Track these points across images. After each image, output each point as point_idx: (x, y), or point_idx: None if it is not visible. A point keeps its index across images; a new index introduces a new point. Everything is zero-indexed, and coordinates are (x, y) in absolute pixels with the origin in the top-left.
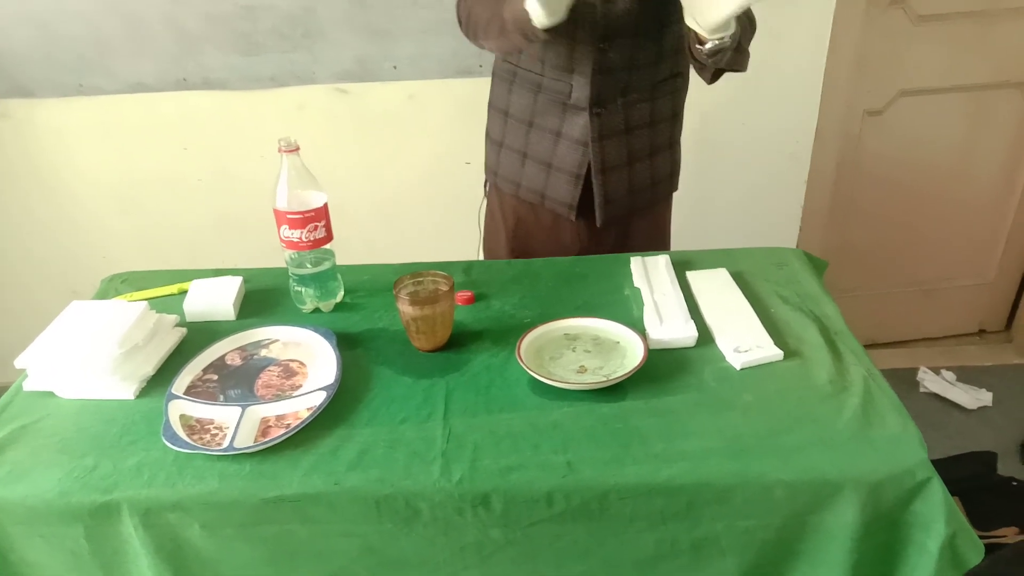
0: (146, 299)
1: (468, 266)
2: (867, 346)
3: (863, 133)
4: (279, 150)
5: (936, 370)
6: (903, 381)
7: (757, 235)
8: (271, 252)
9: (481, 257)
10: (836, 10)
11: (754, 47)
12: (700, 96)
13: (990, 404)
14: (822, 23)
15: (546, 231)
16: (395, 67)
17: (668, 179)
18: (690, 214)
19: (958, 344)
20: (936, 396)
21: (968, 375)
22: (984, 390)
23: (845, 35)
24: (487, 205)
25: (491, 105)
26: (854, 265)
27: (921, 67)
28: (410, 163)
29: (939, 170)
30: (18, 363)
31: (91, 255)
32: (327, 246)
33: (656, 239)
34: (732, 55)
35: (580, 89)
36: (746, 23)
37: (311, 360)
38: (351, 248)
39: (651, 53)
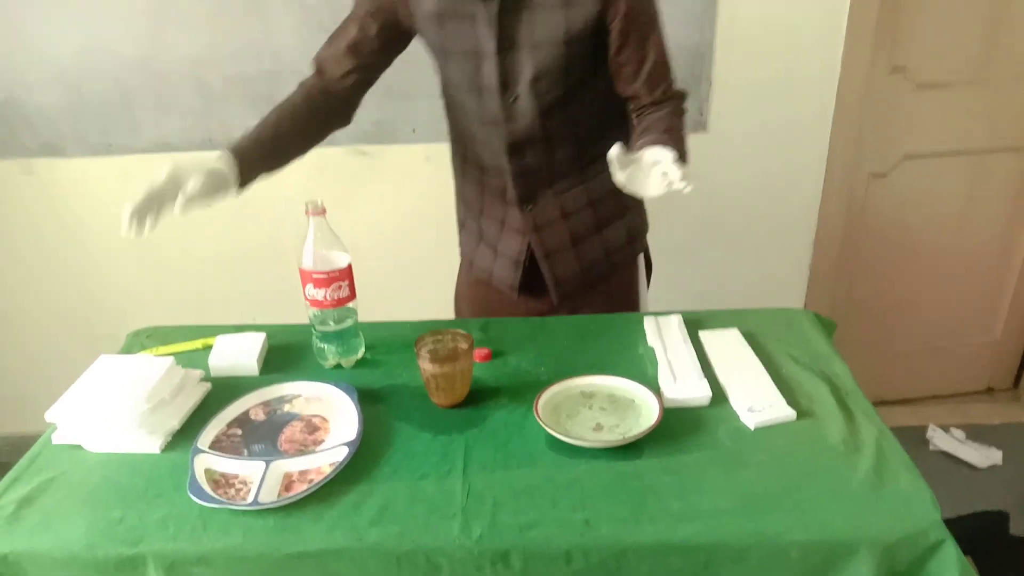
0: (171, 354)
1: (485, 324)
2: (876, 403)
3: (868, 195)
4: (306, 212)
5: (945, 428)
6: (913, 439)
7: (765, 294)
8: (291, 308)
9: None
10: (840, 76)
11: (763, 108)
12: (709, 157)
13: (1000, 463)
14: (827, 88)
15: (509, 306)
16: (414, 130)
17: (626, 246)
18: (699, 273)
19: (967, 402)
20: (946, 454)
21: (977, 433)
22: (994, 448)
23: (849, 100)
24: (459, 274)
25: (455, 189)
26: (862, 323)
27: (924, 132)
28: (428, 223)
29: (943, 230)
30: (48, 416)
31: (115, 308)
32: (350, 304)
33: (624, 305)
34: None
35: (511, 188)
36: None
37: (333, 415)
38: (370, 305)
39: (568, 149)
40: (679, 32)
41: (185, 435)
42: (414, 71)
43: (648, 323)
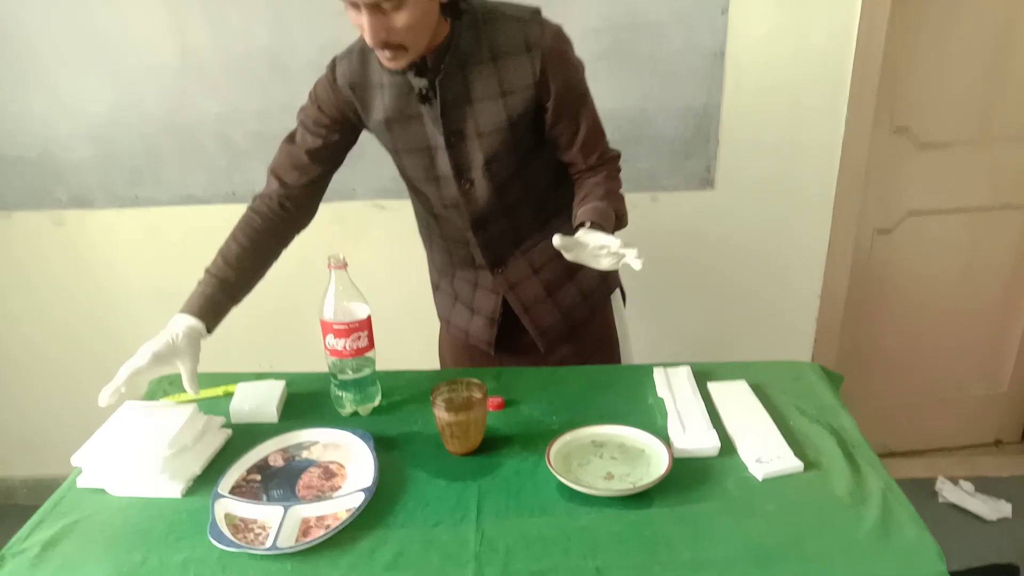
0: (193, 401)
1: (498, 372)
2: (884, 455)
3: (874, 249)
4: (329, 266)
5: (954, 480)
6: (921, 491)
7: (773, 345)
8: (311, 356)
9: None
10: (844, 136)
11: (768, 166)
12: (716, 212)
13: (1010, 515)
14: (831, 148)
15: (488, 364)
16: None
17: (601, 285)
18: (706, 324)
19: (975, 454)
20: (955, 506)
21: (986, 485)
22: (1004, 501)
23: (853, 159)
24: (440, 334)
25: (426, 255)
26: (869, 375)
27: (927, 189)
28: None
29: (949, 284)
30: (74, 460)
31: (134, 349)
32: (369, 354)
33: (606, 344)
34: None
35: (478, 256)
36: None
37: (350, 462)
38: (387, 354)
39: (527, 213)
40: (687, 94)
41: (206, 480)
42: None
43: (658, 374)
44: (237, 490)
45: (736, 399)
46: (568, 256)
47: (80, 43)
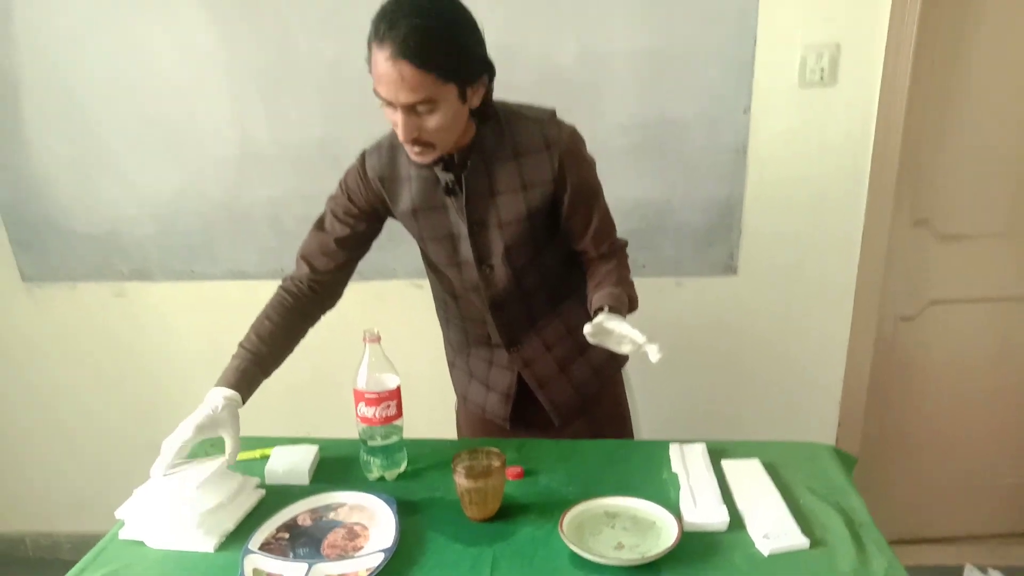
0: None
1: (521, 443)
2: (912, 541)
3: (897, 336)
4: (364, 339)
5: (983, 568)
6: None
7: (796, 430)
8: (346, 423)
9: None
10: (864, 227)
11: (790, 255)
12: (739, 298)
13: None
14: (851, 238)
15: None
16: None
17: (610, 361)
18: (728, 408)
19: (1007, 543)
20: None
21: (1017, 575)
22: None
23: (873, 249)
24: (456, 409)
25: (442, 334)
26: (896, 460)
27: (949, 279)
28: None
29: (975, 371)
30: (117, 514)
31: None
32: (397, 422)
33: (617, 417)
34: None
35: (495, 335)
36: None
37: (373, 524)
38: (415, 423)
39: (543, 296)
40: (711, 187)
41: (238, 536)
42: None
43: (674, 450)
44: (266, 546)
45: (748, 476)
46: (592, 340)
47: (151, 134)
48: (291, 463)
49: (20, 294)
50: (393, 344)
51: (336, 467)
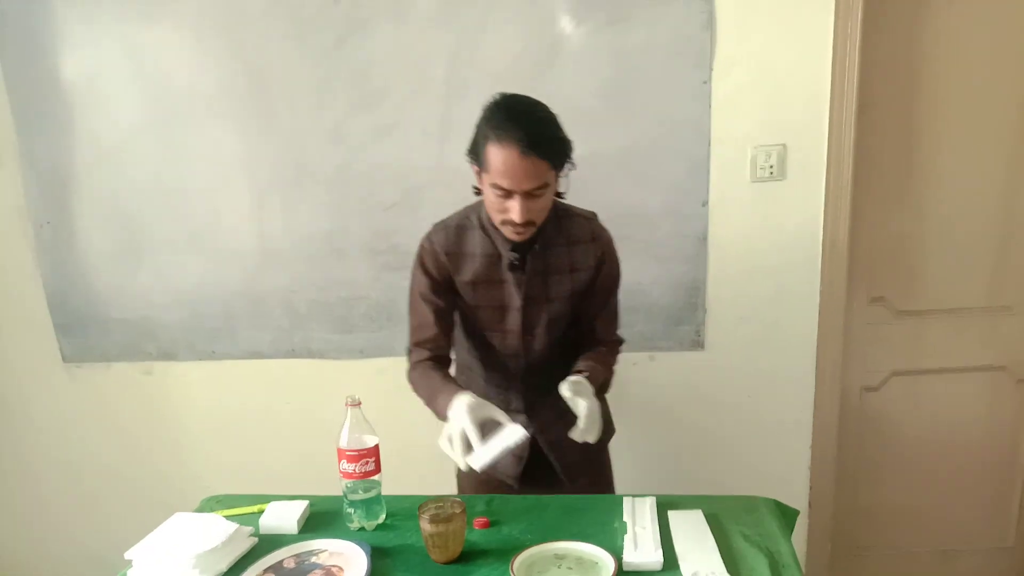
0: (232, 515)
1: (490, 499)
2: None
3: (863, 406)
4: (345, 404)
5: None
6: None
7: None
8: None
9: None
10: (820, 305)
11: (753, 330)
12: (706, 371)
13: None
14: (809, 315)
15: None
16: None
17: (608, 427)
18: (702, 473)
19: None
20: None
21: None
22: None
23: (831, 325)
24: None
25: None
26: (869, 525)
27: (909, 351)
28: None
29: (942, 440)
30: (127, 555)
31: (199, 478)
32: (375, 477)
33: (605, 478)
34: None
35: (516, 401)
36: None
37: (349, 566)
38: (410, 482)
39: (562, 367)
40: (678, 271)
41: (231, 575)
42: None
43: (626, 503)
44: None
45: (689, 525)
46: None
47: (181, 229)
48: (283, 516)
49: (60, 373)
50: (391, 410)
51: (323, 519)
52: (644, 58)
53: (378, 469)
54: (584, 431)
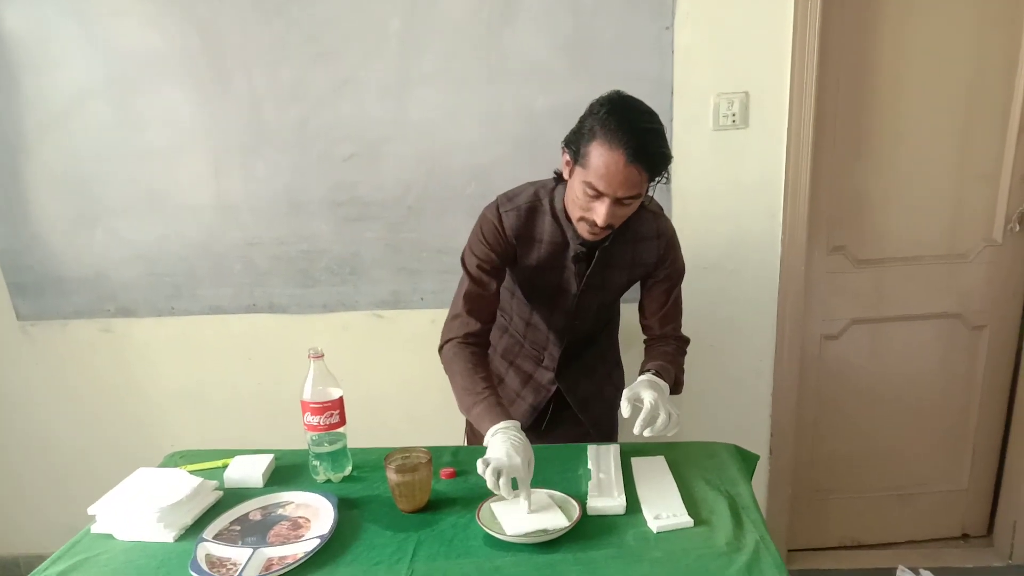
0: (198, 469)
1: (456, 450)
2: (852, 547)
3: (823, 354)
4: (308, 356)
5: (915, 570)
6: None
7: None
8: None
9: (464, 443)
10: (782, 255)
11: (717, 281)
12: None
13: None
14: (771, 267)
15: None
16: (422, 298)
17: (622, 379)
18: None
19: (941, 547)
20: None
21: (948, 575)
22: None
23: (792, 275)
24: None
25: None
26: (829, 470)
27: (868, 299)
28: (431, 372)
29: (899, 387)
30: (90, 510)
31: (162, 437)
32: (340, 430)
33: (612, 424)
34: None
35: (548, 360)
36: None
37: (316, 517)
38: (379, 436)
39: (604, 339)
40: None
41: (196, 529)
42: (423, 253)
43: (591, 450)
44: (219, 536)
45: (652, 471)
46: (626, 395)
47: (136, 191)
48: (247, 468)
49: (15, 332)
50: (358, 368)
51: (289, 473)
52: (603, 10)
53: (343, 421)
54: (644, 423)
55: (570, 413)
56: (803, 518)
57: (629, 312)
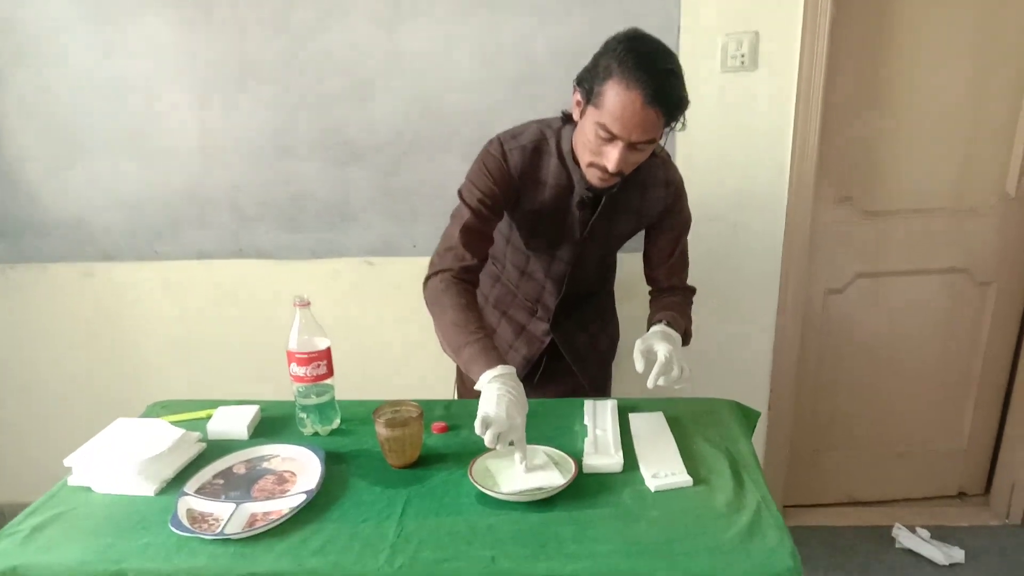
0: (180, 420)
1: (448, 403)
2: (848, 504)
3: (826, 308)
4: (294, 304)
5: (912, 528)
6: (879, 537)
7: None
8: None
9: (455, 396)
10: (788, 204)
11: (721, 231)
12: None
13: (962, 561)
14: (776, 216)
15: None
16: (414, 245)
17: (617, 330)
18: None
19: (939, 505)
20: (910, 552)
21: (944, 534)
22: (957, 548)
23: (798, 226)
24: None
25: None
26: (829, 427)
27: (874, 253)
28: (424, 321)
29: (902, 343)
30: (66, 462)
31: (149, 385)
32: (327, 381)
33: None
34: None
35: (542, 312)
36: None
37: (302, 471)
38: (368, 388)
39: (600, 290)
40: None
41: (178, 483)
42: (416, 198)
43: (587, 406)
44: (201, 490)
45: (650, 427)
46: (639, 347)
47: (116, 130)
48: (232, 420)
49: None
50: (349, 315)
51: (275, 425)
52: None
53: (330, 372)
54: (657, 375)
55: (564, 365)
56: (800, 474)
57: (626, 263)
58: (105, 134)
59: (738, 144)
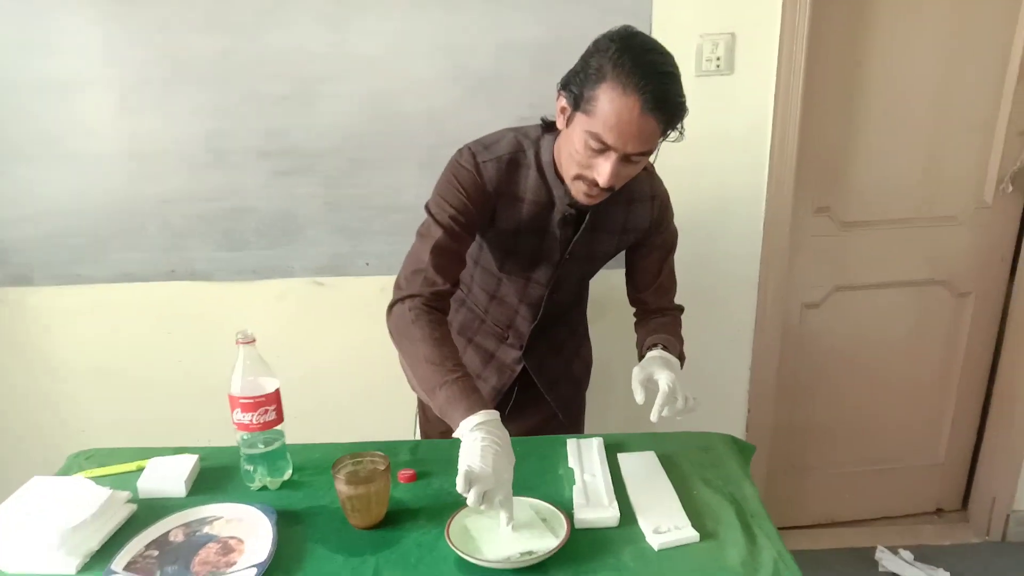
0: (105, 475)
1: (415, 445)
2: (827, 524)
3: (803, 323)
4: (236, 342)
5: (894, 549)
6: (861, 560)
7: (705, 418)
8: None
9: (417, 436)
10: (766, 214)
11: (697, 244)
12: None
13: None
14: (754, 227)
15: None
16: (367, 263)
17: (590, 355)
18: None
19: (917, 523)
20: (894, 575)
21: (926, 555)
22: (942, 570)
23: (777, 237)
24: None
25: None
26: (806, 444)
27: (852, 265)
28: (382, 346)
29: (879, 358)
30: None
31: (70, 429)
32: (278, 428)
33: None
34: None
35: (514, 338)
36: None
37: (249, 537)
38: (323, 427)
39: (575, 312)
40: None
41: (104, 556)
42: (368, 211)
43: (571, 445)
44: (132, 566)
45: (642, 470)
46: (638, 376)
47: (31, 134)
48: (166, 474)
49: None
50: (297, 343)
51: (217, 476)
52: None
53: (280, 418)
54: (661, 407)
55: (535, 393)
56: (778, 494)
57: (598, 279)
58: (17, 139)
59: (714, 151)
